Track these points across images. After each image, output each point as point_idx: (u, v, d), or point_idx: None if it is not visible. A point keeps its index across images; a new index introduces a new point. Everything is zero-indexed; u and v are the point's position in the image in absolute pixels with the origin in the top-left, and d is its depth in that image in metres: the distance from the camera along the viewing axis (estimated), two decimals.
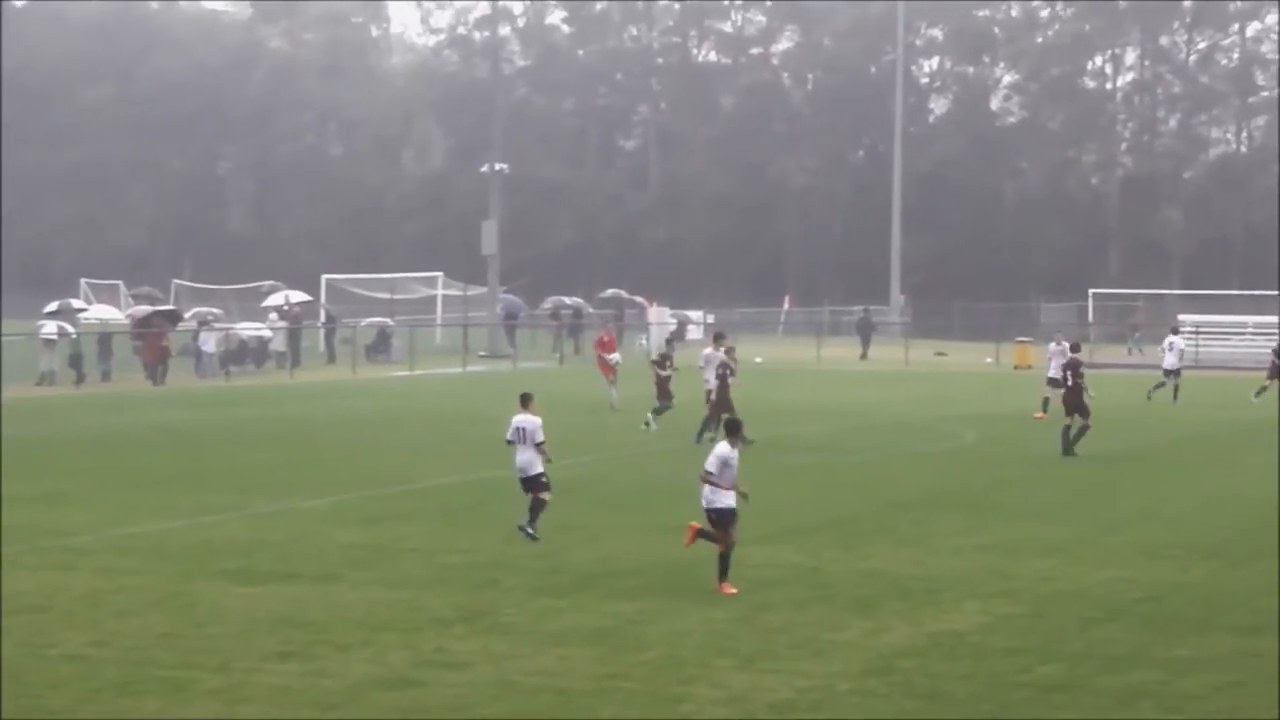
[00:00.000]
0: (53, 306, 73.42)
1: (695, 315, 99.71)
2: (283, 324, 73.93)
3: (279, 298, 79.61)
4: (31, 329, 63.68)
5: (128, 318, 78.24)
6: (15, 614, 18.84)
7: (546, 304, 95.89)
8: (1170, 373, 53.14)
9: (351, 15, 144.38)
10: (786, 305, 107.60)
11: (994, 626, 18.64)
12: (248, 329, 74.67)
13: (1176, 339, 55.03)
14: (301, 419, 46.15)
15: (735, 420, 21.38)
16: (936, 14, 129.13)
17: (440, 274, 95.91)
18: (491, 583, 20.91)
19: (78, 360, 60.76)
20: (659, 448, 38.11)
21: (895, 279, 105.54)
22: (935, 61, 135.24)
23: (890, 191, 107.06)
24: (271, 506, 27.79)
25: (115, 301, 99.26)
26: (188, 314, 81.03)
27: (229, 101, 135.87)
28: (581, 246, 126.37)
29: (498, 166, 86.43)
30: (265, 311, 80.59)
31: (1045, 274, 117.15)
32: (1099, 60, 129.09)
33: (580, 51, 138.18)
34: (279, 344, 72.01)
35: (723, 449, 20.53)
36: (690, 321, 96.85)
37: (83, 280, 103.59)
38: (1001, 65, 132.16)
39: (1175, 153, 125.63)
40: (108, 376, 61.90)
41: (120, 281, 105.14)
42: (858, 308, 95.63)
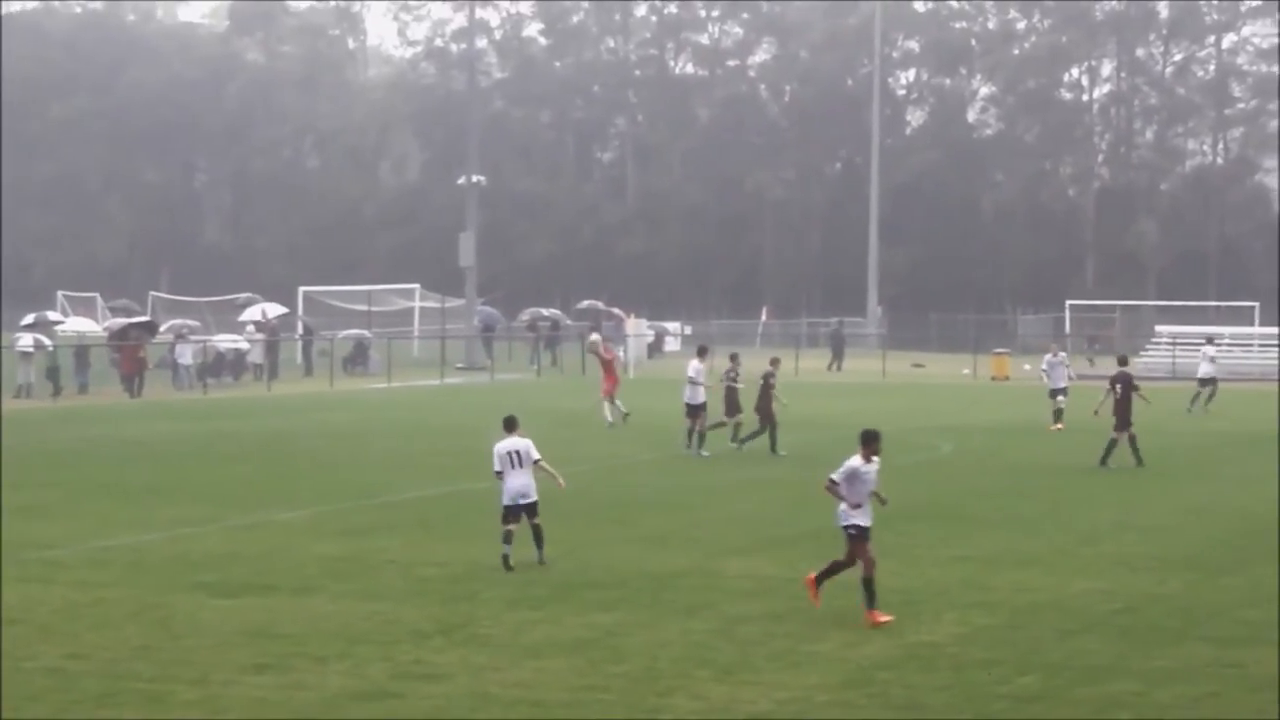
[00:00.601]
0: (29, 319, 73.11)
1: (673, 327, 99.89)
2: (260, 336, 73.82)
3: (256, 311, 79.46)
4: (8, 342, 63.42)
5: (105, 330, 78.02)
6: None
7: (524, 316, 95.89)
8: (1205, 382, 53.41)
9: (329, 28, 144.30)
10: (764, 317, 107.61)
11: (971, 637, 18.63)
12: (225, 341, 74.58)
13: (1209, 348, 55.67)
14: (279, 431, 46.06)
15: (872, 430, 19.91)
16: (913, 26, 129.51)
17: (417, 286, 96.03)
18: (469, 595, 20.87)
19: (55, 373, 60.52)
20: (638, 459, 38.16)
21: (872, 290, 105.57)
22: (912, 73, 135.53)
23: (867, 203, 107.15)
24: (248, 519, 27.72)
25: (92, 314, 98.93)
26: (164, 326, 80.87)
27: (206, 114, 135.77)
28: (559, 258, 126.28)
29: (475, 178, 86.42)
30: (242, 324, 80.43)
31: (1022, 285, 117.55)
32: (1075, 72, 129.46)
33: (557, 63, 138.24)
34: (256, 356, 71.93)
35: (854, 461, 19.53)
36: (668, 333, 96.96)
37: (59, 293, 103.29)
38: (978, 77, 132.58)
39: (1151, 164, 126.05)
40: (85, 389, 61.81)
41: (97, 294, 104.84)
42: (834, 319, 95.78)
